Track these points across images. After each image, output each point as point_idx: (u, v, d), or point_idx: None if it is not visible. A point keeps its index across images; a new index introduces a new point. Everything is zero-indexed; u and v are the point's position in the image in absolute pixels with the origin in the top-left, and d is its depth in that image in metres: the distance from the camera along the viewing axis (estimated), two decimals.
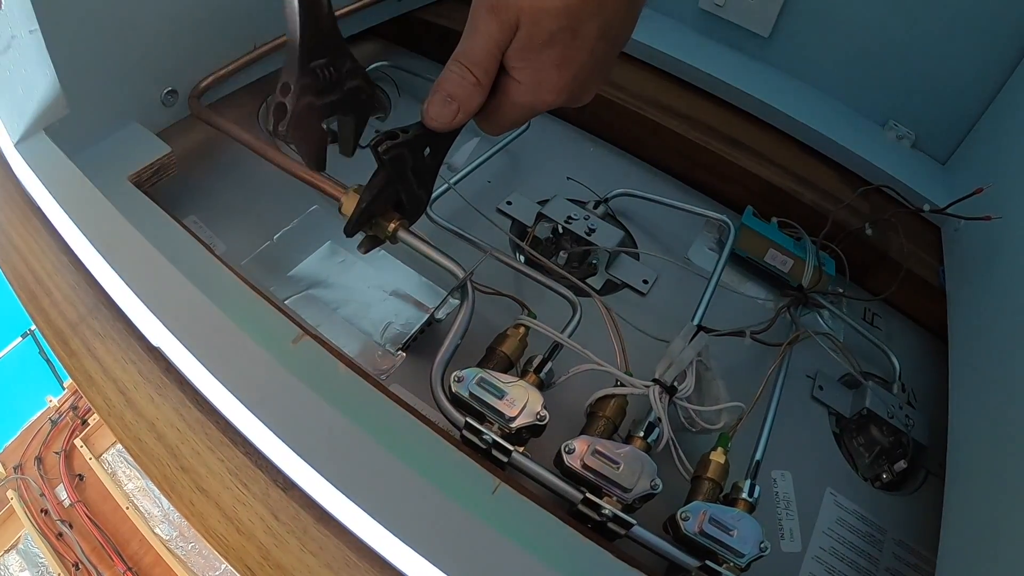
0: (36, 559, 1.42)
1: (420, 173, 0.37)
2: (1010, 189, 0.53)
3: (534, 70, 0.32)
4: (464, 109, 0.33)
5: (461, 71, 0.32)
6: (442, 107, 0.33)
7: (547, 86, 0.32)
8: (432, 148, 0.37)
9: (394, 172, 0.36)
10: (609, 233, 0.56)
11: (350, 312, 0.49)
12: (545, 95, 0.33)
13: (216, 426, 0.38)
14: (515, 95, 0.33)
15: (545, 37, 0.30)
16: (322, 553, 0.34)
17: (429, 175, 0.39)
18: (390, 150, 0.33)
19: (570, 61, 0.31)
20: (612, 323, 0.43)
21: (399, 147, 0.34)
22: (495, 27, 0.30)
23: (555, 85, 0.32)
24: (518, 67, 0.32)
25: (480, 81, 0.32)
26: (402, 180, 0.37)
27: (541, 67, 0.31)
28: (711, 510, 0.36)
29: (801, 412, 0.52)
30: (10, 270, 0.46)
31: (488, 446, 0.37)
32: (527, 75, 0.32)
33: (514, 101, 0.33)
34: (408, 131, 0.34)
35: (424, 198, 0.40)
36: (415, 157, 0.36)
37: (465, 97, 0.33)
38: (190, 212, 0.53)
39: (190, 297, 0.38)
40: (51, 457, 1.55)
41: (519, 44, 0.31)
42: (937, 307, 0.58)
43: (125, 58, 0.46)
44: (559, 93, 0.33)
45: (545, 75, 0.32)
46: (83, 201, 0.43)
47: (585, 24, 0.30)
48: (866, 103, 0.71)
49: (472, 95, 0.32)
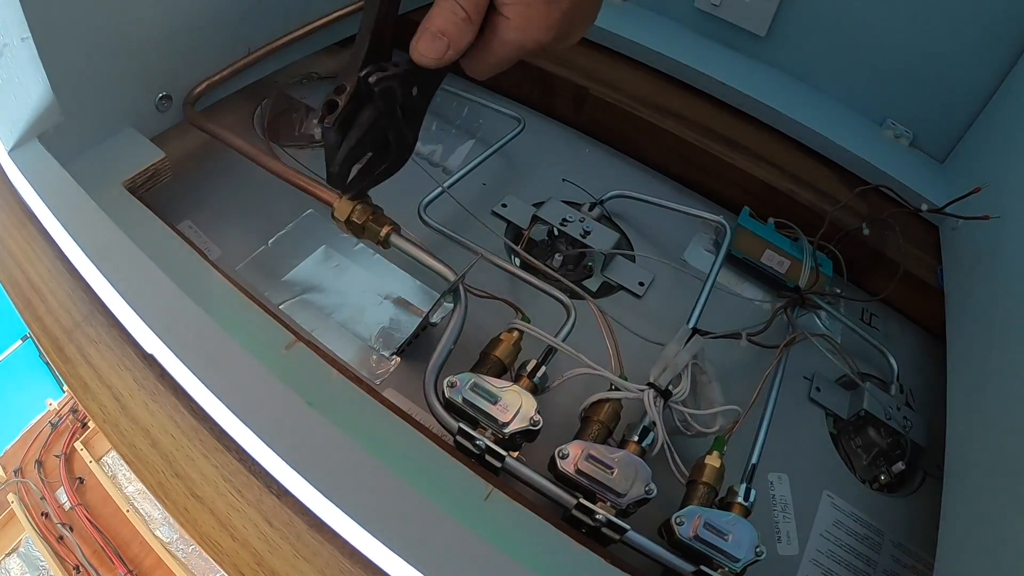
0: (37, 562, 1.42)
1: (408, 111, 0.36)
2: (1008, 188, 0.53)
3: (524, 6, 0.31)
4: (454, 45, 0.32)
5: (452, 6, 0.31)
6: (431, 42, 0.32)
7: (536, 22, 0.32)
8: (420, 87, 0.36)
9: (384, 107, 0.35)
10: (604, 235, 0.56)
11: (344, 317, 0.49)
12: (534, 32, 0.32)
13: (210, 433, 0.38)
14: (504, 32, 0.33)
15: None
16: (315, 559, 0.34)
17: (417, 116, 0.38)
18: (380, 81, 0.33)
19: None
20: (606, 326, 0.43)
21: (389, 79, 0.33)
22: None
23: (544, 22, 0.32)
24: (508, 3, 0.32)
25: (471, 16, 0.32)
26: (390, 116, 0.36)
27: (531, 3, 0.31)
28: (706, 515, 0.36)
29: (798, 414, 0.52)
30: (6, 277, 0.46)
31: (481, 451, 0.37)
32: (516, 11, 0.32)
33: (503, 39, 0.33)
34: (398, 65, 0.33)
35: (411, 139, 0.39)
36: (404, 93, 0.35)
37: (456, 33, 0.32)
38: (185, 217, 0.53)
39: (181, 305, 0.38)
40: (51, 460, 1.55)
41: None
42: (935, 307, 0.57)
43: (118, 64, 0.46)
44: (548, 30, 0.32)
45: (534, 11, 0.32)
46: (76, 209, 0.43)
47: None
48: (864, 102, 0.71)
49: (463, 31, 0.32)
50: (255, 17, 0.55)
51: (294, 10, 0.59)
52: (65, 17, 0.41)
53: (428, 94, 0.37)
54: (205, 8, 0.51)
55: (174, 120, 0.54)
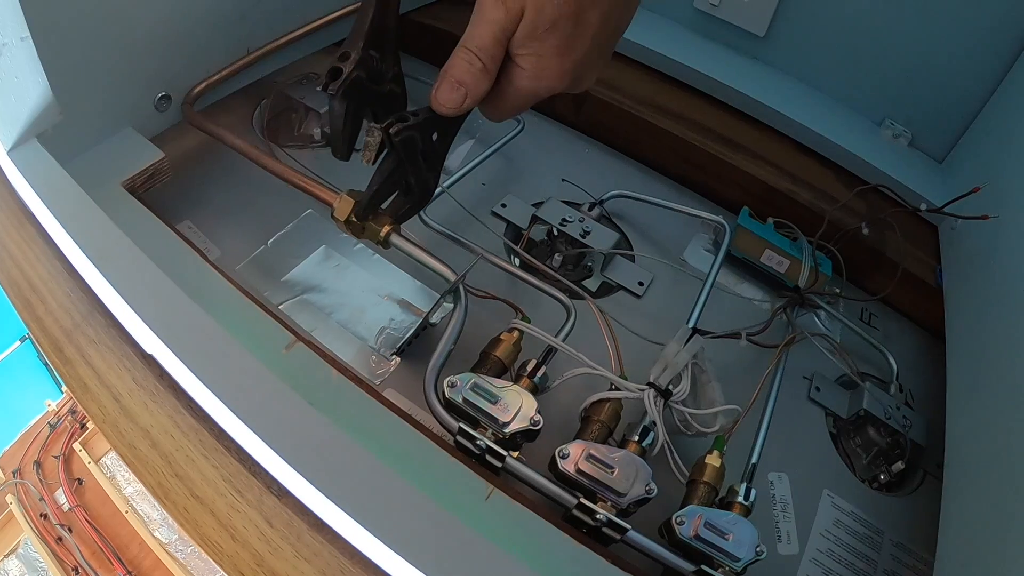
0: (36, 563, 1.42)
1: (429, 157, 0.38)
2: (1007, 187, 0.53)
3: (537, 56, 0.33)
4: (472, 94, 0.34)
5: (469, 57, 0.33)
6: (451, 92, 0.34)
7: (549, 72, 0.33)
8: (440, 132, 0.37)
9: (405, 155, 0.36)
10: (604, 235, 0.56)
11: (345, 317, 0.49)
12: (547, 80, 0.34)
13: (210, 433, 0.38)
14: (519, 80, 0.34)
15: (548, 24, 0.31)
16: (316, 560, 0.34)
17: (438, 159, 0.39)
18: (401, 132, 0.34)
19: (572, 48, 0.32)
20: (606, 326, 0.43)
21: (410, 129, 0.34)
22: (502, 14, 0.31)
23: (557, 71, 0.33)
24: (522, 53, 0.33)
25: (487, 67, 0.33)
26: (412, 163, 0.37)
27: (544, 53, 0.32)
28: (706, 514, 0.36)
29: (798, 413, 0.52)
30: (5, 277, 0.46)
31: (482, 451, 0.37)
32: (531, 61, 0.33)
33: (518, 87, 0.34)
34: (418, 115, 0.35)
35: (432, 182, 0.40)
36: (424, 141, 0.36)
37: (473, 83, 0.33)
38: (184, 217, 0.53)
39: (181, 305, 0.38)
40: (50, 461, 1.55)
41: (523, 31, 0.32)
42: (934, 306, 0.57)
43: (117, 64, 0.46)
44: (561, 79, 0.34)
45: (548, 61, 0.33)
46: (75, 209, 0.43)
47: (587, 12, 0.31)
48: (862, 102, 0.71)
49: (479, 81, 0.33)
50: (254, 17, 0.55)
51: (293, 10, 0.59)
52: (64, 17, 0.41)
53: (448, 138, 0.38)
54: (205, 8, 0.51)
55: (173, 120, 0.54)
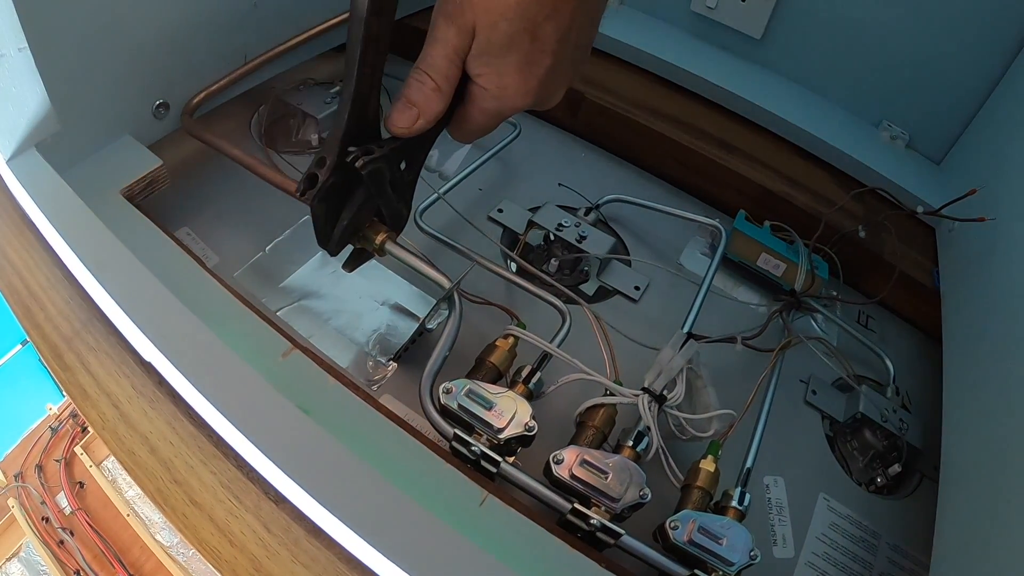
0: (38, 567, 1.42)
1: (398, 186, 0.38)
2: (1004, 189, 0.53)
3: (497, 75, 0.32)
4: (424, 115, 0.33)
5: (420, 77, 0.32)
6: (402, 113, 0.33)
7: (511, 90, 0.32)
8: (407, 161, 0.37)
9: (373, 187, 0.36)
10: (600, 240, 0.56)
11: (342, 323, 0.49)
12: (510, 100, 0.33)
13: (208, 439, 0.38)
14: (481, 101, 0.33)
15: (503, 41, 0.30)
16: (313, 565, 0.34)
17: (407, 188, 0.39)
18: (367, 164, 0.33)
19: (532, 64, 0.31)
20: (601, 332, 0.43)
21: (376, 161, 0.34)
22: (452, 32, 0.31)
23: (519, 89, 0.32)
24: (481, 72, 0.32)
25: (439, 86, 0.32)
26: (381, 195, 0.37)
27: (504, 72, 0.31)
28: (700, 519, 0.36)
29: (794, 417, 0.52)
30: (5, 284, 0.46)
31: (477, 457, 0.37)
32: (490, 80, 0.32)
33: (481, 107, 0.33)
34: (383, 146, 0.35)
35: (404, 212, 0.40)
36: (392, 171, 0.36)
37: (424, 102, 0.33)
38: (182, 224, 0.54)
39: (178, 314, 0.38)
40: (51, 465, 1.56)
41: (478, 49, 0.31)
42: (932, 309, 0.57)
43: (115, 73, 0.47)
44: (525, 96, 0.33)
45: (508, 79, 0.32)
46: (74, 217, 0.43)
47: (542, 26, 0.30)
48: (859, 104, 0.71)
49: (431, 100, 0.33)
50: (251, 25, 0.55)
51: (290, 18, 0.60)
52: (62, 27, 0.41)
53: (416, 167, 0.38)
54: (201, 17, 0.51)
55: (171, 127, 0.54)
